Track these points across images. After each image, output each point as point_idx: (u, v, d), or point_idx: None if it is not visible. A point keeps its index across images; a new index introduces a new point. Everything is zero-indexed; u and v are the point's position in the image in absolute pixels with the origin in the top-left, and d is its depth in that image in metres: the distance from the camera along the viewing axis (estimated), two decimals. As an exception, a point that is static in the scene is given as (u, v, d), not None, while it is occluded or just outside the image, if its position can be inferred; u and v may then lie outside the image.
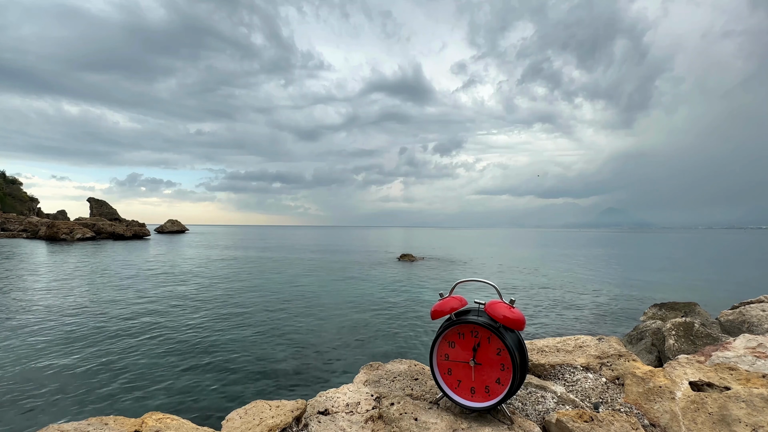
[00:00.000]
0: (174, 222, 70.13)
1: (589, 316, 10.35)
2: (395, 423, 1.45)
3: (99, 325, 8.65)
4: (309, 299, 12.20)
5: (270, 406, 1.54)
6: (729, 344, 2.00)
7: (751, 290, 11.81)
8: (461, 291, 1.59)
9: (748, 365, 1.77)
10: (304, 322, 9.34)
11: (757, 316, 4.72)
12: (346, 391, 1.72)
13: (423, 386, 1.74)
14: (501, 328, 1.40)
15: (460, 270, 21.50)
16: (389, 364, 2.02)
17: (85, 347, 7.18)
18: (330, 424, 1.48)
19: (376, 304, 11.58)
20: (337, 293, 13.36)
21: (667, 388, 1.56)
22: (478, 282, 1.66)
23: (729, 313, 5.31)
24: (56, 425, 1.25)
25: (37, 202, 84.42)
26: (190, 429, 1.41)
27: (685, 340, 4.79)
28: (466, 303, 1.57)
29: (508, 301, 1.47)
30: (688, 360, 1.81)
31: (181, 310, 10.37)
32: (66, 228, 44.28)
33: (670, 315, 8.61)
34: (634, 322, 9.12)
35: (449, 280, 17.16)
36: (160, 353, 6.91)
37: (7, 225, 55.30)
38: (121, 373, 6.01)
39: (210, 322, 9.16)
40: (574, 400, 1.64)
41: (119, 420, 1.37)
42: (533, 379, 1.79)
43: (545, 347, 2.14)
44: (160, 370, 6.15)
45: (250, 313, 10.19)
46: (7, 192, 75.52)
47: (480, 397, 1.45)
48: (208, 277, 16.98)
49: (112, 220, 55.84)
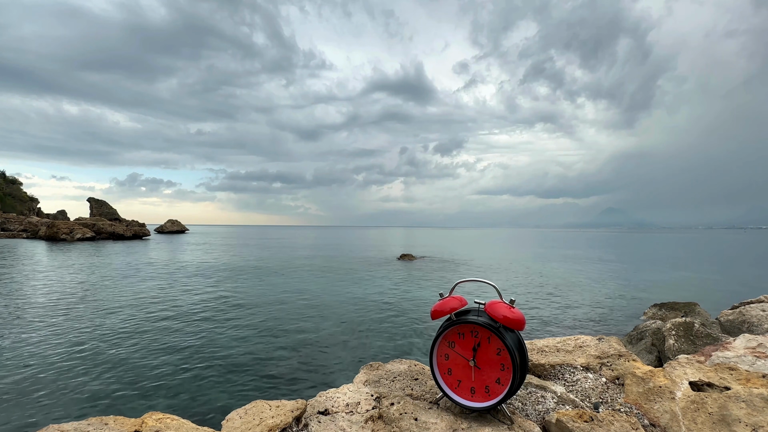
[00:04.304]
0: (174, 222, 70.14)
1: (589, 316, 10.35)
2: (395, 423, 1.45)
3: (99, 325, 8.65)
4: (309, 299, 12.20)
5: (270, 406, 1.54)
6: (729, 344, 2.00)
7: (751, 290, 11.82)
8: (461, 291, 1.60)
9: (748, 365, 1.77)
10: (304, 321, 9.34)
11: (757, 316, 4.72)
12: (346, 391, 1.72)
13: (423, 386, 1.74)
14: (501, 328, 1.40)
15: (460, 270, 21.49)
16: (389, 364, 2.02)
17: (84, 347, 7.18)
18: (330, 424, 1.48)
19: (375, 303, 11.58)
20: (337, 293, 13.36)
21: (667, 388, 1.56)
22: (478, 282, 1.66)
23: (729, 313, 5.32)
24: (56, 425, 1.25)
25: (37, 202, 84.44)
26: (190, 429, 1.41)
27: (685, 340, 4.79)
28: (466, 303, 1.57)
29: (508, 301, 1.47)
30: (688, 360, 1.81)
31: (180, 309, 10.37)
32: (66, 228, 44.28)
33: (670, 315, 8.61)
34: (634, 322, 9.12)
35: (449, 280, 17.16)
36: (160, 353, 6.91)
37: (7, 225, 55.31)
38: (121, 373, 6.01)
39: (210, 321, 9.16)
40: (574, 400, 1.64)
41: (119, 420, 1.37)
42: (533, 379, 1.79)
43: (545, 347, 2.14)
44: (160, 370, 6.15)
45: (250, 312, 10.19)
46: (7, 192, 75.53)
47: (480, 397, 1.45)
48: (207, 276, 16.98)
49: (112, 220, 55.85)
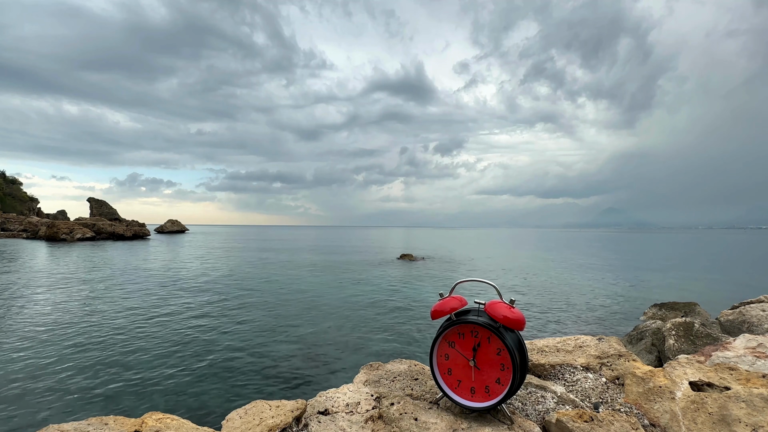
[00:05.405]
0: (174, 222, 70.13)
1: (589, 316, 10.35)
2: (395, 423, 1.45)
3: (99, 325, 8.65)
4: (309, 299, 12.20)
5: (270, 406, 1.54)
6: (729, 344, 2.00)
7: (751, 290, 11.81)
8: (461, 291, 1.60)
9: (748, 365, 1.77)
10: (303, 321, 9.34)
11: (757, 316, 4.72)
12: (346, 391, 1.72)
13: (423, 386, 1.74)
14: (501, 328, 1.40)
15: (460, 270, 21.49)
16: (389, 364, 2.02)
17: (84, 347, 7.18)
18: (330, 424, 1.48)
19: (375, 303, 11.58)
20: (337, 293, 13.36)
21: (667, 388, 1.56)
22: (478, 282, 1.66)
23: (729, 313, 5.32)
24: (56, 425, 1.25)
25: (37, 202, 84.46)
26: (190, 429, 1.41)
27: (685, 340, 4.79)
28: (466, 303, 1.57)
29: (508, 301, 1.47)
30: (688, 360, 1.81)
31: (180, 309, 10.37)
32: (66, 228, 44.28)
33: (670, 315, 8.61)
34: (634, 322, 9.12)
35: (449, 280, 17.16)
36: (160, 353, 6.91)
37: (7, 225, 55.30)
38: (121, 373, 6.01)
39: (210, 321, 9.16)
40: (574, 400, 1.64)
41: (119, 420, 1.37)
42: (533, 379, 1.79)
43: (545, 347, 2.14)
44: (160, 370, 6.15)
45: (249, 312, 10.19)
46: (7, 192, 75.53)
47: (480, 397, 1.45)
48: (207, 276, 16.98)
49: (112, 220, 55.84)
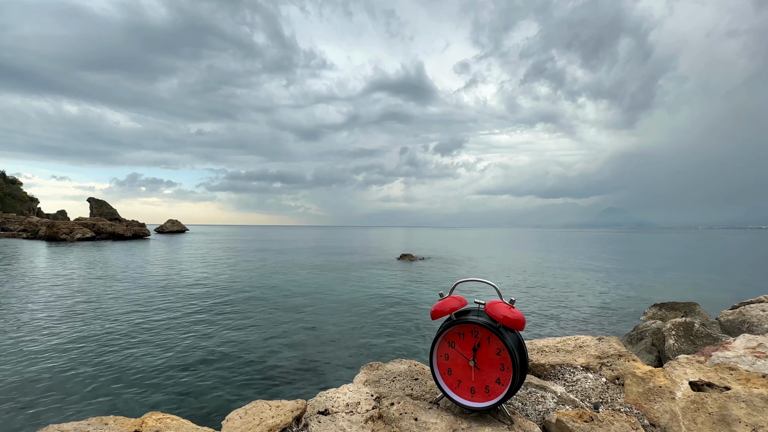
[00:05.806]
0: (174, 222, 70.12)
1: (589, 316, 10.35)
2: (395, 423, 1.45)
3: (99, 325, 8.65)
4: (309, 299, 12.20)
5: (270, 406, 1.54)
6: (729, 344, 2.00)
7: (751, 290, 11.81)
8: (461, 291, 1.60)
9: (748, 365, 1.77)
10: (304, 321, 9.34)
11: (757, 316, 4.72)
12: (346, 391, 1.72)
13: (423, 386, 1.74)
14: (501, 328, 1.40)
15: (460, 270, 21.49)
16: (389, 364, 2.02)
17: (84, 347, 7.18)
18: (330, 424, 1.48)
19: (376, 303, 11.58)
20: (337, 293, 13.36)
21: (667, 388, 1.56)
22: (478, 282, 1.66)
23: (729, 313, 5.32)
24: (56, 425, 1.25)
25: (37, 202, 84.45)
26: (190, 429, 1.41)
27: (685, 340, 4.79)
28: (466, 303, 1.57)
29: (508, 301, 1.47)
30: (688, 360, 1.81)
31: (180, 309, 10.37)
32: (66, 228, 44.27)
33: (670, 315, 8.61)
34: (634, 322, 9.12)
35: (449, 280, 17.16)
36: (160, 353, 6.91)
37: (7, 225, 55.30)
38: (121, 373, 6.01)
39: (210, 321, 9.16)
40: (574, 400, 1.64)
41: (119, 420, 1.37)
42: (533, 379, 1.79)
43: (545, 347, 2.14)
44: (160, 370, 6.15)
45: (250, 312, 10.19)
46: (7, 192, 75.52)
47: (480, 397, 1.45)
48: (207, 276, 16.98)
49: (112, 220, 55.82)
